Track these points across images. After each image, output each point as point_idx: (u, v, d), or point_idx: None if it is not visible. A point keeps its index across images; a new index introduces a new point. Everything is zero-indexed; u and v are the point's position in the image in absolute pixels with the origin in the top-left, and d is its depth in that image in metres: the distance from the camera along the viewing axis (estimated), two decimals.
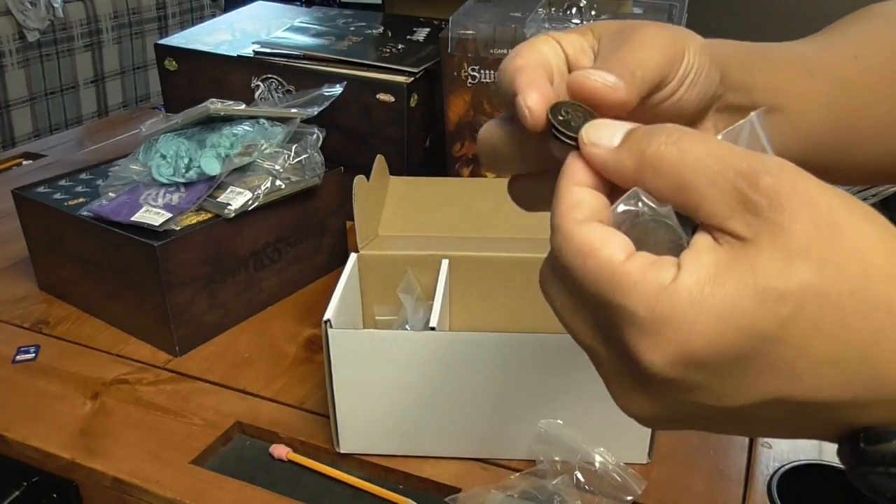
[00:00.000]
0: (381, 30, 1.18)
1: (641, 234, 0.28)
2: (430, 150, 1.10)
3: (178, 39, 1.16)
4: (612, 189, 0.30)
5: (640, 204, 0.28)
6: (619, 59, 0.33)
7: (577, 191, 0.29)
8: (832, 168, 0.43)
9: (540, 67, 0.34)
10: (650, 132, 0.28)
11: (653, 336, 0.26)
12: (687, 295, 0.26)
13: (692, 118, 0.38)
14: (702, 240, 0.27)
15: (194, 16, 3.22)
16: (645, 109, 0.35)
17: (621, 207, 0.28)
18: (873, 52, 0.44)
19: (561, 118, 0.31)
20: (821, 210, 0.25)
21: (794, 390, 0.26)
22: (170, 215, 0.80)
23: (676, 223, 0.28)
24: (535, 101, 0.32)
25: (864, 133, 0.42)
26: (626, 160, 0.29)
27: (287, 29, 1.18)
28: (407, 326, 0.75)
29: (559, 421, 0.66)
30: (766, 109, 0.35)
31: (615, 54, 0.34)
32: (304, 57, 1.07)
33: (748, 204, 0.26)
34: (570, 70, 0.36)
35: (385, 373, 0.65)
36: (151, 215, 0.80)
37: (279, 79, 1.07)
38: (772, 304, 0.25)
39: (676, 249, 0.27)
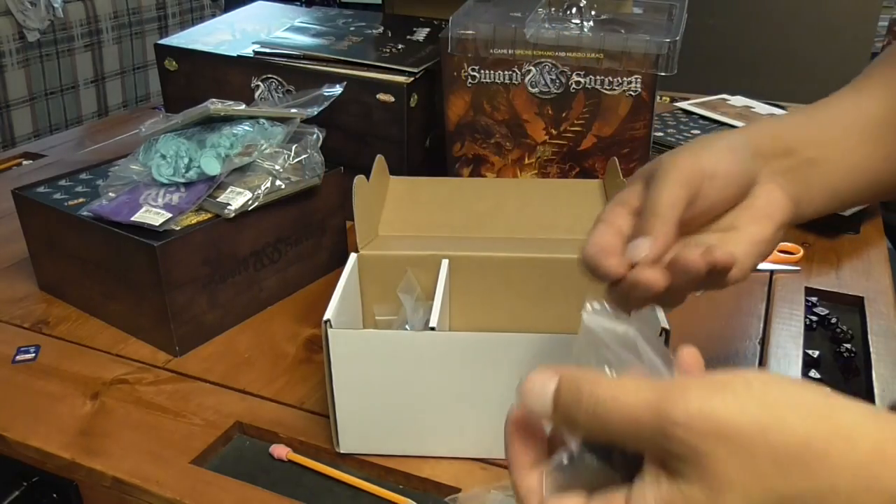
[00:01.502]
0: (381, 30, 1.18)
1: (581, 472, 0.34)
2: (430, 150, 1.10)
3: (178, 39, 1.16)
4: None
5: (565, 459, 0.35)
6: (646, 208, 0.46)
7: (526, 477, 0.36)
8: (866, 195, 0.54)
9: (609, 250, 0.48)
10: (571, 403, 0.34)
11: None
12: None
13: (736, 199, 0.50)
14: (648, 471, 0.32)
15: (194, 16, 3.22)
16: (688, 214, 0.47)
17: (554, 464, 0.35)
18: None
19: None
20: (733, 440, 0.29)
21: None
22: (170, 215, 0.80)
23: (602, 465, 0.34)
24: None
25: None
26: (559, 424, 0.36)
27: (287, 29, 1.18)
28: (407, 326, 0.75)
29: None
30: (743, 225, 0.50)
31: (645, 203, 0.47)
32: (304, 57, 1.07)
33: (671, 457, 0.30)
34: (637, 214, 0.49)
35: (385, 373, 0.65)
36: (151, 215, 0.80)
37: (279, 79, 1.07)
38: None
39: (612, 480, 0.33)
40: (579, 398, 0.33)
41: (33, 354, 0.83)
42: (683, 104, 1.42)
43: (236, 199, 0.83)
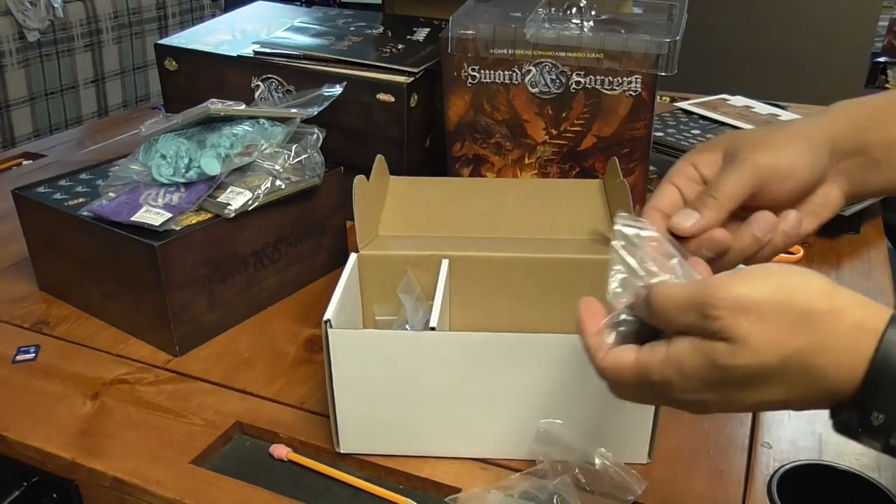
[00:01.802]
0: (381, 30, 1.18)
1: (631, 331, 0.45)
2: (430, 150, 1.10)
3: (178, 39, 1.16)
4: None
5: (622, 317, 0.45)
6: (709, 188, 0.50)
7: (593, 336, 0.46)
8: None
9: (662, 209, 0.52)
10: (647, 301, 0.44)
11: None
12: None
13: (800, 197, 0.52)
14: (687, 334, 0.42)
15: (194, 16, 3.22)
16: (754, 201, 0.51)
17: (608, 323, 0.46)
18: None
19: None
20: (753, 312, 0.39)
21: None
22: (170, 215, 0.80)
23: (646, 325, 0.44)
24: None
25: None
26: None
27: (287, 29, 1.18)
28: (407, 326, 0.75)
29: (559, 421, 0.66)
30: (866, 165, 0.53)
31: (711, 183, 0.51)
32: (304, 57, 1.07)
33: (707, 329, 0.40)
34: (704, 182, 0.52)
35: (385, 373, 0.65)
36: (151, 215, 0.80)
37: (279, 79, 1.07)
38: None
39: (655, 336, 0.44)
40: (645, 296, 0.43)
41: (33, 354, 0.83)
42: (683, 104, 1.42)
43: (236, 199, 0.83)
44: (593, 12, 1.01)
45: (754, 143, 0.51)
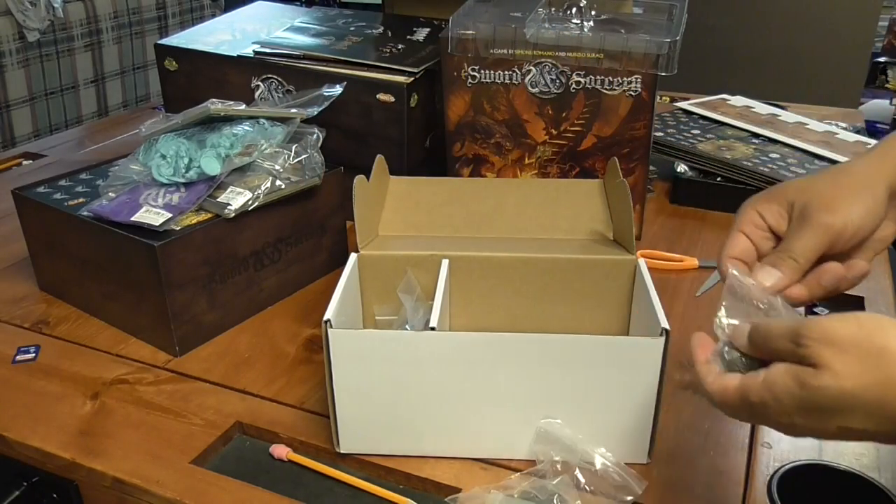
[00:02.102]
0: (381, 30, 1.18)
1: (735, 362, 0.50)
2: (430, 150, 1.10)
3: (178, 39, 1.16)
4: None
5: (726, 349, 0.51)
6: (786, 247, 0.54)
7: (705, 364, 0.52)
8: None
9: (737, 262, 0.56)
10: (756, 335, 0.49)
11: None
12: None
13: (867, 238, 0.55)
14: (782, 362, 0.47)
15: (194, 16, 3.22)
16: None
17: (715, 353, 0.51)
18: None
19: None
20: (836, 344, 0.44)
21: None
22: (170, 215, 0.80)
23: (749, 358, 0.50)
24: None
25: None
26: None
27: (287, 29, 1.18)
28: (407, 326, 0.75)
29: (559, 421, 0.66)
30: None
31: (786, 242, 0.54)
32: (304, 57, 1.07)
33: (798, 356, 0.45)
34: (771, 230, 0.56)
35: (385, 373, 0.65)
36: (151, 215, 0.80)
37: (279, 79, 1.07)
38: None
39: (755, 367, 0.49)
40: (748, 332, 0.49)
41: (33, 354, 0.83)
42: (683, 104, 1.42)
43: (236, 199, 0.83)
44: (593, 12, 1.01)
45: (823, 202, 0.54)
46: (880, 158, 0.56)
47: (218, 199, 0.83)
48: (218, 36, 1.17)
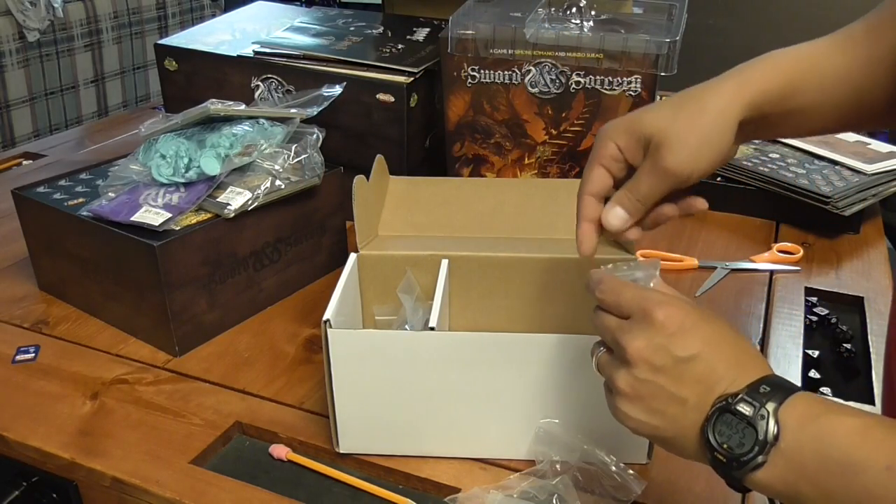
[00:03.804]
0: (381, 30, 1.18)
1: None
2: (430, 150, 1.10)
3: (178, 39, 1.16)
4: None
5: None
6: (636, 188, 0.56)
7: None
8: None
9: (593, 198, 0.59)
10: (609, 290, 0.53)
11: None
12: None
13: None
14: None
15: (194, 16, 3.22)
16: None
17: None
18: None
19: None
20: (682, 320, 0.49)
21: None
22: (169, 215, 0.80)
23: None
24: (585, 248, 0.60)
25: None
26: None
27: (287, 29, 1.18)
28: (407, 326, 0.75)
29: (559, 421, 0.66)
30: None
31: (636, 181, 0.56)
32: (304, 57, 1.07)
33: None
34: (626, 161, 0.57)
35: (385, 373, 0.65)
36: (151, 215, 0.80)
37: (279, 79, 1.07)
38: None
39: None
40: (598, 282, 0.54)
41: (33, 354, 0.83)
42: None
43: (236, 199, 0.83)
44: (593, 12, 1.01)
45: (677, 145, 0.54)
46: (738, 87, 0.56)
47: (218, 199, 0.83)
48: (218, 36, 1.17)
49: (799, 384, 0.77)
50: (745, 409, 0.44)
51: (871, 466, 0.40)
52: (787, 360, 0.81)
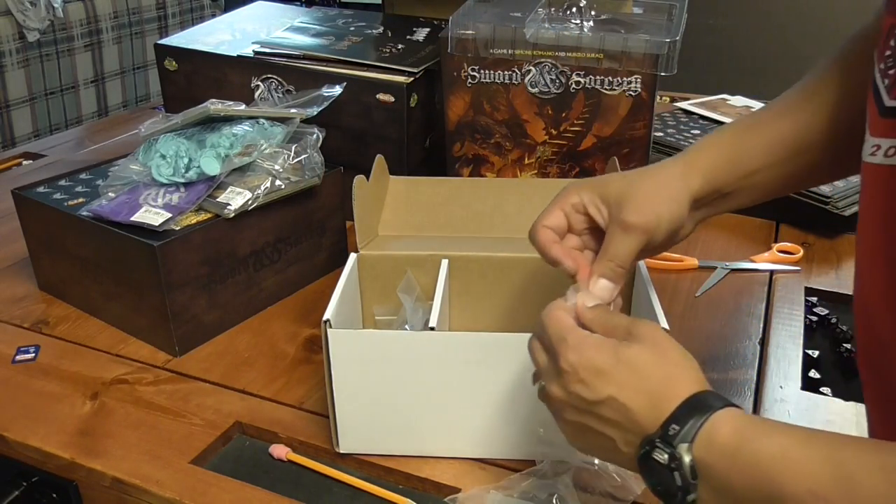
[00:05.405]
0: (381, 30, 1.18)
1: None
2: (430, 150, 1.10)
3: (178, 39, 1.16)
4: None
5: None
6: (612, 255, 0.57)
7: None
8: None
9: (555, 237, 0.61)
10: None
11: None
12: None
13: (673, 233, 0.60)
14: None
15: (194, 16, 3.22)
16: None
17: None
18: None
19: None
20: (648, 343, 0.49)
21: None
22: (169, 215, 0.80)
23: None
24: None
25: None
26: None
27: (287, 29, 1.18)
28: (407, 326, 0.75)
29: None
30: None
31: (611, 248, 0.58)
32: (304, 57, 1.07)
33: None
34: (587, 214, 0.60)
35: (385, 373, 0.65)
36: (151, 215, 0.80)
37: (279, 79, 1.07)
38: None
39: None
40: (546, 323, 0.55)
41: (33, 354, 0.83)
42: (683, 104, 1.42)
43: (236, 199, 0.83)
44: (593, 12, 1.01)
45: (639, 206, 0.57)
46: (687, 168, 0.60)
47: (217, 199, 0.83)
48: (218, 36, 1.17)
49: (799, 384, 0.77)
50: (660, 457, 0.45)
51: (794, 493, 0.41)
52: (787, 360, 0.81)
